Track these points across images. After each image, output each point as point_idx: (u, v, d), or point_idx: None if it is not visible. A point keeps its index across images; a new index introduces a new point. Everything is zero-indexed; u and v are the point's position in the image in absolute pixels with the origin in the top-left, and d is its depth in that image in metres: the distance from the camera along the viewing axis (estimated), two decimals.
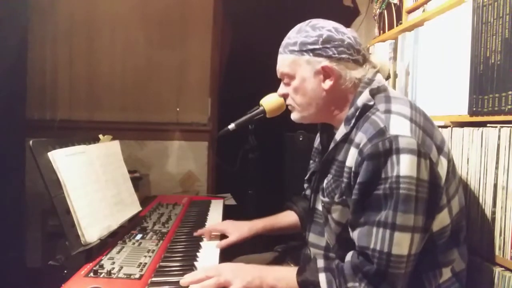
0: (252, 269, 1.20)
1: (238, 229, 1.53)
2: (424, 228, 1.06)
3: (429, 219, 1.08)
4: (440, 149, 1.11)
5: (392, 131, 1.06)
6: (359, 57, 1.21)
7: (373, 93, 1.17)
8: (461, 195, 1.18)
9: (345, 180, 1.13)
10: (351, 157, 1.11)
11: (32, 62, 2.72)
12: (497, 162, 1.17)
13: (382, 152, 1.04)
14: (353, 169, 1.09)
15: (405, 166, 1.02)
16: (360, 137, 1.10)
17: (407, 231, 1.03)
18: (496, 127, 1.17)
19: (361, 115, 1.15)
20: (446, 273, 1.15)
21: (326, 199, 1.22)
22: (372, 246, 1.05)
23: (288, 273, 1.17)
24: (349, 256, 1.11)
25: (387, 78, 1.26)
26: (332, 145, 1.21)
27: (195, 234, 1.56)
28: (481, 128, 1.24)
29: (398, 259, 1.04)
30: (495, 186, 1.18)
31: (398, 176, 1.02)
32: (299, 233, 1.57)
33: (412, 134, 1.06)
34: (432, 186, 1.06)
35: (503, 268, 1.15)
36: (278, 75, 1.29)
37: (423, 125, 1.11)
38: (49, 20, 2.90)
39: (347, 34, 1.21)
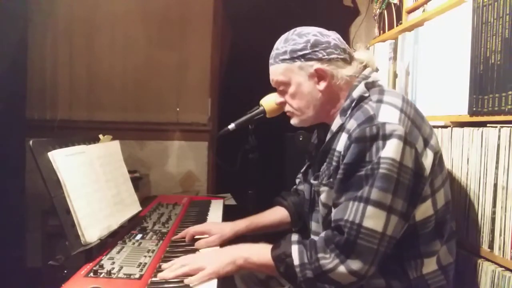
0: (226, 250, 1.28)
1: (220, 230, 1.50)
2: (403, 213, 1.10)
3: (411, 207, 1.11)
4: (426, 142, 1.15)
5: (381, 118, 1.11)
6: (346, 55, 1.26)
7: (368, 87, 1.23)
8: (447, 189, 1.21)
9: (334, 164, 1.20)
10: (342, 142, 1.17)
11: (32, 62, 2.72)
12: (497, 162, 1.17)
13: (369, 137, 1.09)
14: (342, 152, 1.16)
15: (389, 149, 1.07)
16: (351, 124, 1.16)
17: (382, 208, 1.07)
18: (496, 127, 1.18)
19: (356, 105, 1.21)
20: (431, 264, 1.17)
21: (315, 182, 1.27)
22: (345, 217, 1.09)
23: (262, 248, 1.22)
24: (323, 232, 1.16)
25: (376, 70, 1.33)
26: (328, 136, 1.26)
27: (173, 238, 1.50)
28: (481, 128, 1.24)
29: (369, 232, 1.07)
30: (495, 186, 1.18)
31: (380, 158, 1.07)
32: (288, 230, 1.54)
33: (400, 123, 1.10)
34: (415, 175, 1.10)
35: (503, 268, 1.15)
36: (273, 85, 1.34)
37: (413, 117, 1.16)
38: (49, 20, 2.90)
39: (331, 36, 1.27)
